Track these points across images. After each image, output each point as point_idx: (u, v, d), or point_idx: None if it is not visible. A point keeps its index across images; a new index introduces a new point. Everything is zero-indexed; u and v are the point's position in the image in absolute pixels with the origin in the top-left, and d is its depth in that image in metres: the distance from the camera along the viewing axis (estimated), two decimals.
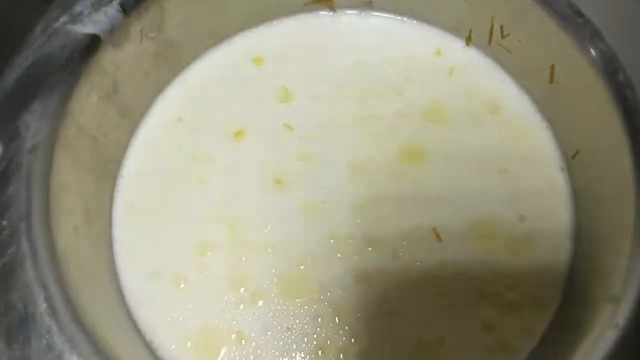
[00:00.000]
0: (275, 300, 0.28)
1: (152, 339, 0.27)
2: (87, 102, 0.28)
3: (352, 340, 0.28)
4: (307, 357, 0.27)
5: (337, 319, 0.28)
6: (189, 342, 0.28)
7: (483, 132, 0.33)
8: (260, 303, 0.28)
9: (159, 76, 0.34)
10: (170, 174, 0.32)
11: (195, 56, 0.36)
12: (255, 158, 0.32)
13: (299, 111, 0.34)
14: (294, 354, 0.27)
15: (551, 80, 0.31)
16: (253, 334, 0.28)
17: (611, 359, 0.22)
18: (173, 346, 0.27)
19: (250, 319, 0.28)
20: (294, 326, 0.28)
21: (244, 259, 0.29)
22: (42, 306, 0.21)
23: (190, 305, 0.28)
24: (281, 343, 0.27)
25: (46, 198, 0.24)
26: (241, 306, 0.28)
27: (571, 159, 0.31)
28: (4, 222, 0.23)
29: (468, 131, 0.33)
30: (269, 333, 0.28)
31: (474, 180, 0.32)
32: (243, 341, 0.28)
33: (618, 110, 0.26)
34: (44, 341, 0.21)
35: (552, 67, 0.31)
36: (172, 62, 0.34)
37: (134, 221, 0.30)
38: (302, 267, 0.29)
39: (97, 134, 0.29)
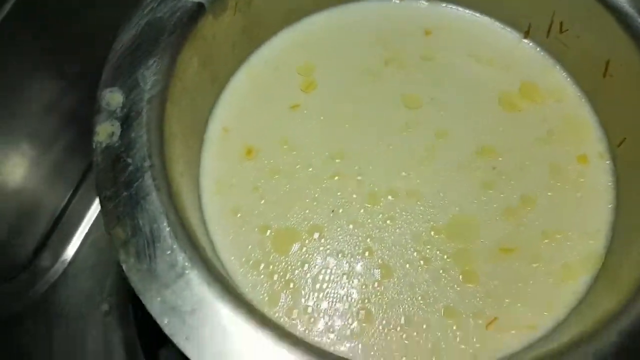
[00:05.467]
0: None
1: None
2: (190, 65, 0.31)
3: None
4: None
5: None
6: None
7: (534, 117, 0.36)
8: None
9: (242, 49, 0.37)
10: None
11: (272, 33, 0.39)
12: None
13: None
14: None
15: (604, 75, 0.34)
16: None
17: None
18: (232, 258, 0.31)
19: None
20: None
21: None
22: (166, 230, 0.25)
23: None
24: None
25: (161, 143, 0.28)
26: None
27: (617, 147, 0.34)
28: (129, 160, 0.27)
29: (517, 116, 0.36)
30: None
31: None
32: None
33: None
34: (167, 258, 0.24)
35: (607, 62, 0.33)
36: (253, 37, 0.38)
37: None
38: None
39: (194, 95, 0.33)
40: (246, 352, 0.23)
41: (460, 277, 0.30)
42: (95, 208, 0.49)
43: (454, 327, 0.29)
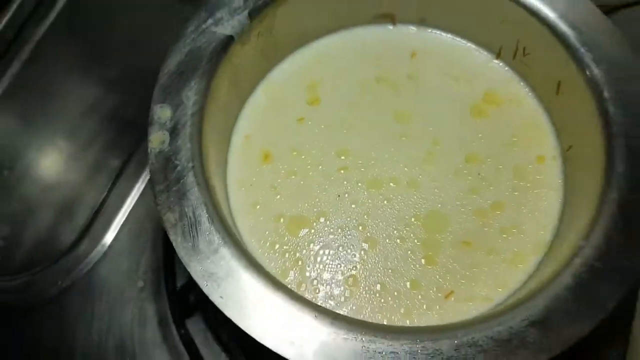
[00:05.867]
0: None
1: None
2: (222, 86, 0.38)
3: None
4: None
5: None
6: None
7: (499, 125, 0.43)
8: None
9: (261, 69, 0.44)
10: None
11: (285, 55, 0.45)
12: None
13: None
14: None
15: (557, 92, 0.41)
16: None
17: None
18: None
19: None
20: None
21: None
22: (205, 216, 0.32)
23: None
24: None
25: (200, 150, 0.35)
26: None
27: (566, 152, 0.41)
28: (177, 162, 0.34)
29: (488, 123, 0.43)
30: None
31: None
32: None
33: (600, 119, 0.36)
34: (206, 238, 0.32)
35: (559, 82, 0.40)
36: (270, 59, 0.44)
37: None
38: None
39: (225, 111, 0.40)
40: (264, 308, 0.31)
41: (423, 260, 0.38)
42: (130, 200, 0.56)
43: (419, 297, 0.36)
